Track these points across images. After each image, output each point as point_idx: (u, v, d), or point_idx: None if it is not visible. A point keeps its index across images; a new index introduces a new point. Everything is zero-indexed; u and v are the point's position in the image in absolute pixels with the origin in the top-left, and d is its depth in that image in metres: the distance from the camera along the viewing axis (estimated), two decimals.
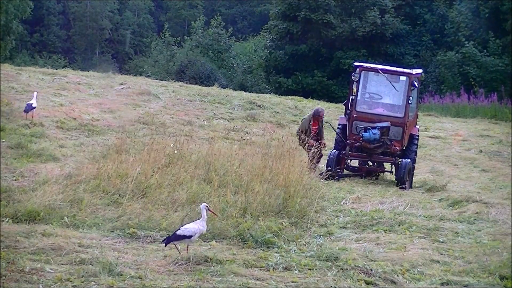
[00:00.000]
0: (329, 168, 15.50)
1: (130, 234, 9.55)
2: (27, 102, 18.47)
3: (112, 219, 10.07)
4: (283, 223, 10.54)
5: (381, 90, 16.85)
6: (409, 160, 15.85)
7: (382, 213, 12.14)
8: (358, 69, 16.61)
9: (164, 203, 10.77)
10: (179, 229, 8.80)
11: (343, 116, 17.01)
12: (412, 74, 16.54)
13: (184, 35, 55.81)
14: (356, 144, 16.06)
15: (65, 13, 69.03)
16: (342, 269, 8.69)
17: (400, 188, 15.18)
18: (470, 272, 9.06)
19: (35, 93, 18.95)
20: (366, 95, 16.83)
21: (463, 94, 34.37)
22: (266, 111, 25.68)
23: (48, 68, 32.59)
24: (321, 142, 16.02)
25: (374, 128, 15.94)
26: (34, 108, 18.34)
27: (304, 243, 9.98)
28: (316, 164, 15.03)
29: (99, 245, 8.90)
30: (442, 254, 9.94)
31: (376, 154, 16.15)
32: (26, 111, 18.31)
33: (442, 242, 10.66)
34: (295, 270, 8.59)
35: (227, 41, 51.20)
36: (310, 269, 8.63)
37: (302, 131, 16.26)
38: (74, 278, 7.73)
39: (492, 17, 39.19)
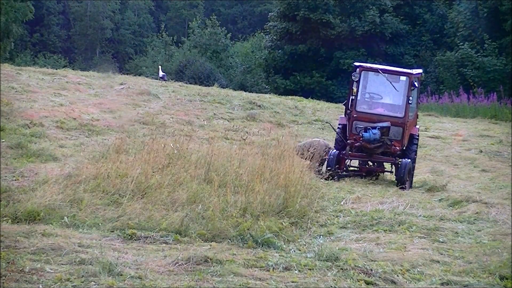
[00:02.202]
0: (329, 168, 15.51)
1: (130, 234, 9.54)
2: (159, 76, 28.57)
3: (112, 219, 10.04)
4: (283, 223, 10.53)
5: (381, 90, 16.85)
6: (409, 160, 15.85)
7: (382, 213, 12.13)
8: (358, 69, 16.60)
9: (164, 203, 10.74)
10: None
11: (343, 116, 17.01)
12: (412, 74, 16.54)
13: (182, 36, 55.89)
14: (356, 144, 16.06)
15: (65, 13, 69.08)
16: (342, 269, 8.67)
17: (400, 188, 15.17)
18: (470, 272, 9.04)
19: (160, 66, 25.31)
20: (366, 95, 16.83)
21: (462, 94, 34.38)
22: (266, 111, 25.68)
23: (48, 68, 32.60)
24: None
25: (374, 128, 15.94)
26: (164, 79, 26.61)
27: (304, 243, 9.97)
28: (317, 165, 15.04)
29: (99, 245, 8.87)
30: (442, 254, 9.92)
31: (376, 154, 16.15)
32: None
33: (442, 242, 10.64)
34: (295, 270, 8.57)
35: (224, 41, 51.22)
36: (310, 269, 8.61)
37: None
38: (74, 278, 7.71)
39: (491, 17, 39.21)
